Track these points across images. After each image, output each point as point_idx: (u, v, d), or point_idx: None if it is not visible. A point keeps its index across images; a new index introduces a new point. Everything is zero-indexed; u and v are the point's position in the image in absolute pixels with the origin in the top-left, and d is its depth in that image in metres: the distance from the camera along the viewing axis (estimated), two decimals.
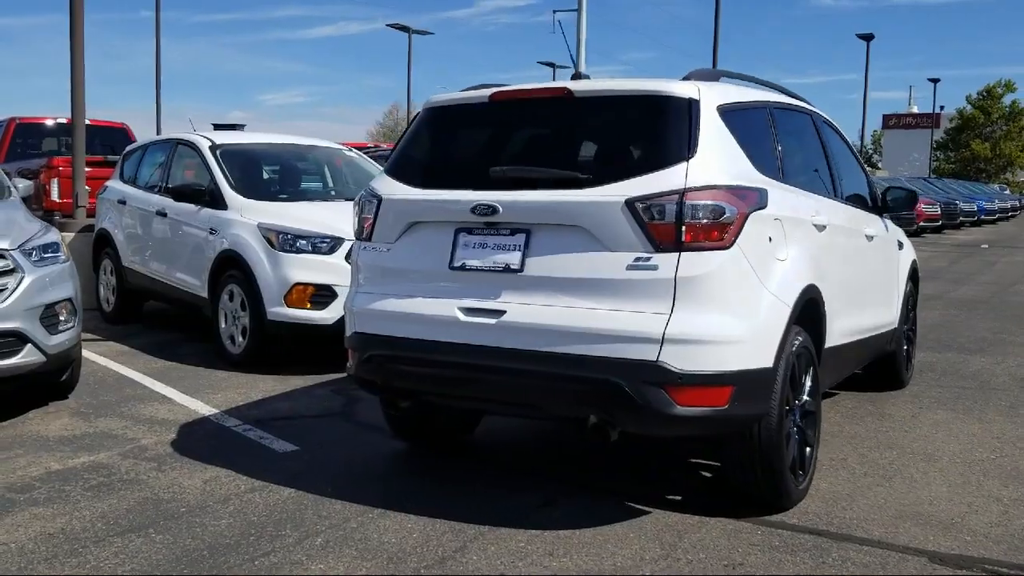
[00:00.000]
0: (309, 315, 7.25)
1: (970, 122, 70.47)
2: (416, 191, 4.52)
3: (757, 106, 4.76)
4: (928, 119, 70.18)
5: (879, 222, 6.26)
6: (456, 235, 4.32)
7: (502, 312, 4.13)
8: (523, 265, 4.13)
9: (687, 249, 3.86)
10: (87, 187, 11.26)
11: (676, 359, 3.83)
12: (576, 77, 4.77)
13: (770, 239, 4.19)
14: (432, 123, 4.79)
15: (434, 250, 4.38)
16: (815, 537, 4.12)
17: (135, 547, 3.95)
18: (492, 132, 4.73)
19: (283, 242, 7.37)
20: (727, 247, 3.92)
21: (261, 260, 7.40)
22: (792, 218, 4.48)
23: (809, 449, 4.59)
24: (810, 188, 5.05)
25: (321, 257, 7.31)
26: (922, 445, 5.57)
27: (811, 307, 4.53)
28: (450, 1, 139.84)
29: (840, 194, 5.61)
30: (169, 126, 31.51)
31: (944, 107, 71.30)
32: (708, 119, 4.14)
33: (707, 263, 3.88)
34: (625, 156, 4.23)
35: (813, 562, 3.86)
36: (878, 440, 5.67)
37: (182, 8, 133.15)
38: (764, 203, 4.14)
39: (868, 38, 44.14)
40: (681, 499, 4.60)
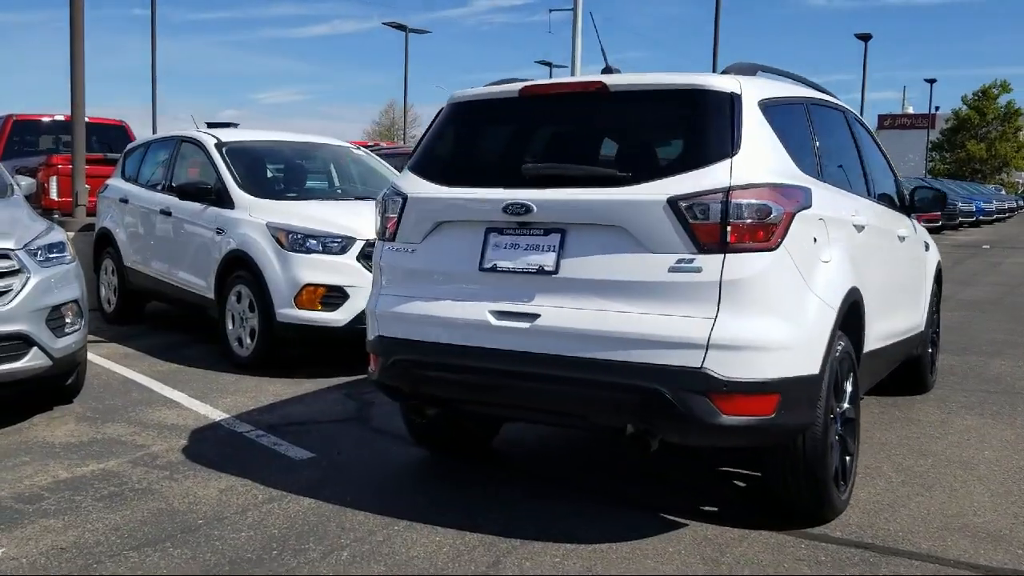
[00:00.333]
0: (320, 317, 7.07)
1: (966, 123, 70.59)
2: (443, 189, 4.34)
3: (795, 101, 4.59)
4: (924, 120, 70.17)
5: (908, 222, 6.10)
6: (486, 235, 4.14)
7: (536, 316, 3.95)
8: (558, 267, 3.95)
9: (732, 250, 3.69)
10: (86, 185, 11.07)
11: (721, 366, 3.65)
12: (607, 71, 4.59)
13: (815, 240, 4.02)
14: (458, 118, 4.60)
15: (463, 251, 4.20)
16: (862, 551, 3.95)
17: (152, 563, 3.76)
18: (522, 128, 4.55)
19: (293, 242, 7.19)
20: (773, 248, 3.74)
21: (270, 260, 7.22)
22: (834, 218, 4.31)
23: (849, 458, 4.42)
24: (847, 187, 4.89)
25: (332, 257, 7.13)
26: (956, 452, 5.42)
27: (853, 311, 4.37)
28: (444, 0, 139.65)
29: (873, 193, 5.45)
30: (161, 124, 31.35)
31: (939, 108, 71.37)
32: (750, 114, 3.96)
33: (753, 265, 3.70)
34: (665, 153, 4.06)
35: None
36: (910, 447, 5.51)
37: (174, 5, 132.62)
38: (809, 202, 3.97)
39: (866, 38, 44.03)
40: (717, 510, 4.42)
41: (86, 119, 11.54)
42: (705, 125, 3.93)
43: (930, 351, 6.88)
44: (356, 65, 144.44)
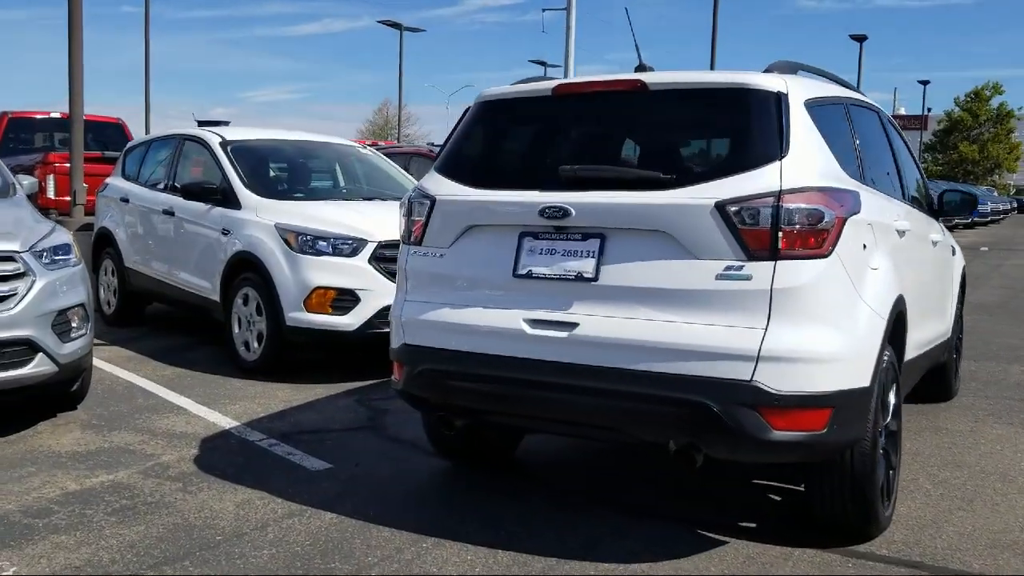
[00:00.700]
0: (330, 320, 6.88)
1: (958, 124, 70.66)
2: (474, 191, 4.16)
3: (835, 101, 4.43)
4: (916, 121, 70.21)
5: (938, 226, 5.95)
6: (520, 240, 3.97)
7: (574, 325, 3.77)
8: (598, 273, 3.77)
9: (783, 257, 3.52)
10: (84, 184, 10.87)
11: (772, 378, 3.48)
12: (640, 69, 4.42)
13: (864, 246, 3.86)
14: (487, 118, 4.42)
15: (495, 256, 4.02)
16: (911, 570, 3.79)
17: None
18: (556, 128, 4.37)
19: (302, 243, 6.99)
20: (825, 255, 3.57)
21: (279, 262, 7.02)
22: (880, 223, 4.15)
23: (892, 472, 4.26)
24: (886, 190, 4.72)
25: (343, 259, 6.93)
26: (992, 463, 5.26)
27: (899, 320, 4.21)
28: (435, 0, 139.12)
29: (907, 196, 5.29)
30: (152, 123, 31.06)
31: (932, 109, 71.44)
32: (797, 114, 3.80)
33: (805, 273, 3.53)
34: (710, 154, 3.90)
35: None
36: (943, 458, 5.36)
37: (163, 3, 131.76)
38: (859, 207, 3.81)
39: (861, 39, 43.89)
40: (756, 526, 4.26)
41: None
42: (752, 126, 3.76)
43: (954, 357, 6.74)
44: (348, 64, 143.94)
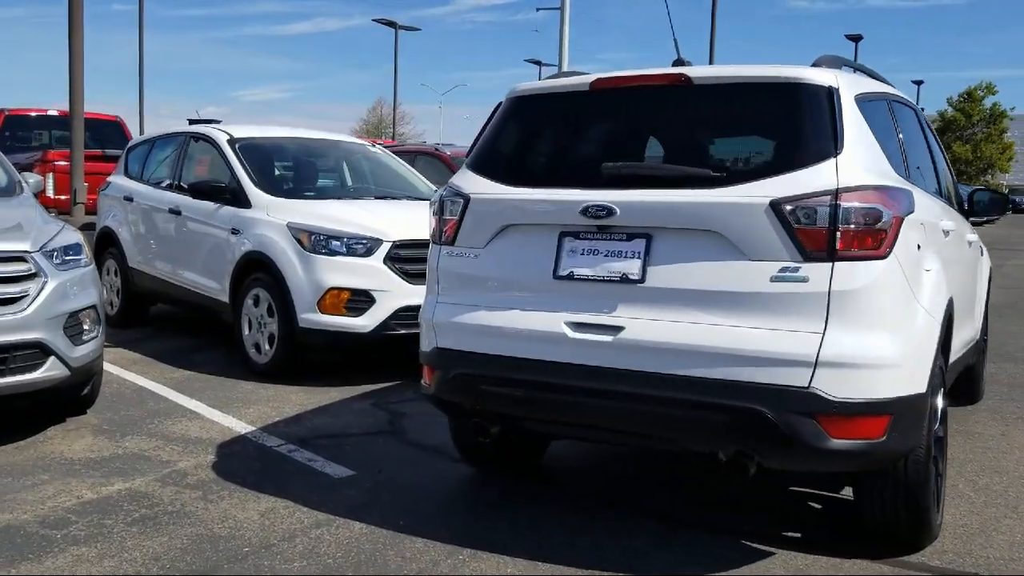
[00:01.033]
0: (345, 322, 6.72)
1: (951, 124, 70.69)
2: (510, 189, 4.01)
3: (880, 97, 4.29)
4: None
5: (970, 226, 5.83)
6: (560, 240, 3.82)
7: (620, 328, 3.62)
8: (644, 275, 3.62)
9: (841, 258, 3.37)
10: (84, 183, 10.69)
11: (830, 385, 3.34)
12: (678, 63, 4.27)
13: (918, 247, 3.72)
14: (521, 114, 4.27)
15: (533, 257, 3.87)
16: None
17: None
18: (595, 123, 4.22)
19: (315, 243, 6.83)
20: (883, 256, 3.43)
21: (292, 262, 6.86)
22: (930, 223, 4.02)
23: (939, 479, 4.13)
24: (928, 189, 4.59)
25: (357, 260, 6.77)
26: None
27: (949, 323, 4.08)
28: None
29: (944, 195, 5.16)
30: (145, 122, 30.85)
31: (925, 109, 71.41)
32: (849, 110, 3.65)
33: (864, 274, 3.39)
34: (761, 151, 3.75)
35: None
36: (980, 463, 5.23)
37: (154, 2, 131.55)
38: (913, 206, 3.67)
39: (857, 39, 43.98)
40: (800, 536, 4.12)
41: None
42: (804, 122, 3.61)
43: (982, 359, 6.62)
44: (340, 63, 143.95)
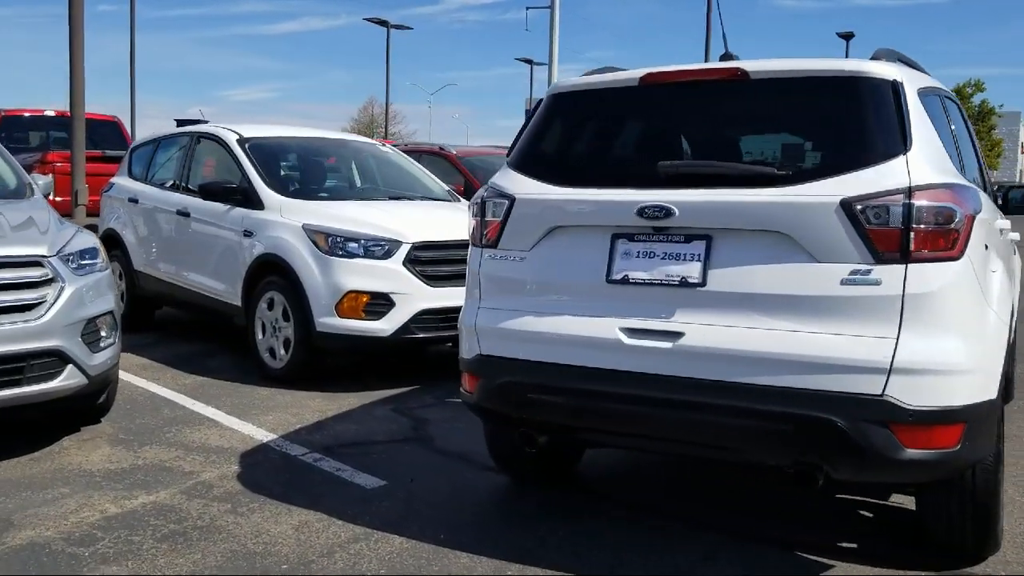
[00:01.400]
0: (364, 326, 6.55)
1: None
2: (558, 190, 3.85)
3: (935, 92, 4.15)
4: None
5: (1008, 224, 5.69)
6: (613, 242, 3.66)
7: (679, 334, 3.47)
8: (705, 278, 3.47)
9: (915, 260, 3.23)
10: (85, 184, 10.49)
11: (905, 393, 3.19)
12: (726, 58, 4.13)
13: (986, 247, 3.58)
14: (565, 111, 4.10)
15: (584, 260, 3.72)
16: None
17: None
18: (645, 120, 4.05)
19: (332, 245, 6.65)
20: (957, 257, 3.29)
21: (308, 265, 6.68)
22: (991, 222, 3.89)
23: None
24: (980, 186, 4.45)
25: (376, 262, 6.60)
26: None
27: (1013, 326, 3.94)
28: None
29: (989, 193, 5.02)
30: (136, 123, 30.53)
31: None
32: (914, 105, 3.51)
33: (939, 277, 3.24)
34: (826, 148, 3.59)
35: None
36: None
37: (140, 2, 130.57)
38: (980, 205, 3.53)
39: (848, 37, 43.76)
40: (856, 547, 3.98)
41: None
42: (871, 117, 3.45)
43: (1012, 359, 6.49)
44: (328, 62, 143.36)
